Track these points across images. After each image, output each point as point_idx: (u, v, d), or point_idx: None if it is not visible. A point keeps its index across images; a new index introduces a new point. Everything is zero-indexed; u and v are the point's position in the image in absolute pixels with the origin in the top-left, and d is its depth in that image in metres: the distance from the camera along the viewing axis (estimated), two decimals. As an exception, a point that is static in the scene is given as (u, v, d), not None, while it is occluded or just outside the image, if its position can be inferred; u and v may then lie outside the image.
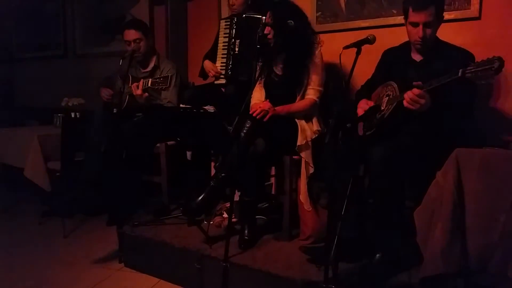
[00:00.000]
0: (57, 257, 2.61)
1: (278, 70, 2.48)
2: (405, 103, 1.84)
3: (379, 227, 1.92)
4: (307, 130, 2.34)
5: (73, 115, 3.40)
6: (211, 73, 2.89)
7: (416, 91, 1.79)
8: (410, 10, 1.98)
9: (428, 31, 1.98)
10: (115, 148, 2.62)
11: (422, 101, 1.79)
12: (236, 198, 2.41)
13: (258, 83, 2.47)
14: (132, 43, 2.96)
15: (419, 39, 2.00)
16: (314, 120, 2.42)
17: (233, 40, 2.79)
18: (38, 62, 5.02)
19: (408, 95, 1.82)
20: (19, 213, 3.41)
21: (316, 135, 2.35)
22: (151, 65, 3.10)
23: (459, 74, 1.66)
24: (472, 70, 1.62)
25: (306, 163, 2.28)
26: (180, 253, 2.27)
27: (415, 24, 1.99)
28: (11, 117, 4.46)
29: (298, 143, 2.27)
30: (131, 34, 2.96)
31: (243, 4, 2.84)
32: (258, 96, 2.52)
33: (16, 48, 5.27)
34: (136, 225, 2.54)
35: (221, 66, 2.87)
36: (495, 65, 1.53)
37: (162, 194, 2.87)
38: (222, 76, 2.86)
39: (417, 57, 2.12)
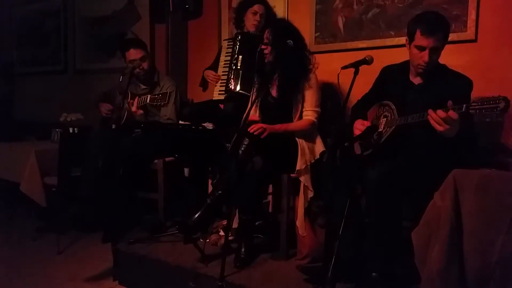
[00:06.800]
0: (50, 273, 2.57)
1: (273, 92, 2.49)
2: (431, 121, 1.71)
3: (375, 247, 1.90)
4: (307, 154, 2.33)
5: (71, 130, 3.40)
6: (210, 78, 2.93)
7: (453, 114, 1.64)
8: (418, 33, 1.92)
9: (434, 56, 1.94)
10: (112, 164, 2.61)
11: (453, 124, 1.67)
12: (235, 224, 2.40)
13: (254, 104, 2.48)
14: (139, 62, 2.99)
15: (423, 64, 1.95)
16: (318, 140, 2.43)
17: (236, 55, 2.83)
18: (38, 77, 5.06)
19: (440, 114, 1.68)
20: (14, 228, 3.37)
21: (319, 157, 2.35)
22: (151, 82, 3.12)
23: (463, 109, 1.61)
24: (476, 107, 1.56)
25: (305, 187, 2.28)
26: (175, 271, 2.24)
27: (422, 48, 1.93)
28: (9, 132, 4.44)
29: (298, 167, 2.27)
30: (138, 53, 3.02)
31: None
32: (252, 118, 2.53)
33: (16, 63, 5.31)
34: (131, 242, 2.52)
35: (221, 83, 2.90)
36: (501, 105, 1.47)
37: (158, 211, 2.85)
38: (221, 92, 2.88)
39: (415, 80, 2.10)
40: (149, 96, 2.76)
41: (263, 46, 2.38)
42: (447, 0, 2.49)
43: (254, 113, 2.53)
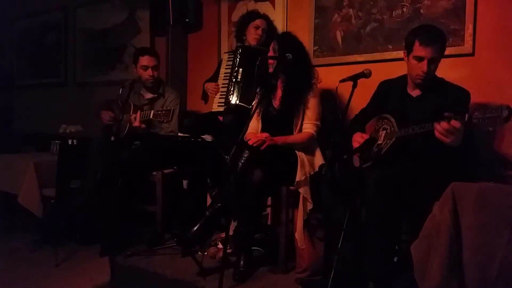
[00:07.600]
0: (48, 286, 2.54)
1: (275, 103, 2.51)
2: (437, 133, 1.72)
3: (373, 257, 1.89)
4: (307, 165, 2.34)
5: (70, 142, 3.40)
6: (210, 90, 2.96)
7: (456, 123, 1.65)
8: (417, 44, 1.96)
9: (432, 66, 1.98)
10: (111, 175, 2.61)
11: (458, 133, 1.68)
12: (231, 232, 2.39)
13: (255, 114, 2.49)
14: (150, 69, 3.02)
15: (422, 74, 1.98)
16: (318, 153, 2.44)
17: (236, 68, 2.85)
18: (38, 89, 5.08)
19: (443, 126, 1.69)
20: (12, 240, 3.34)
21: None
22: (157, 91, 3.13)
23: (466, 119, 1.62)
24: (480, 116, 1.57)
25: (305, 198, 2.27)
26: (172, 284, 2.22)
27: (420, 59, 1.97)
28: (9, 144, 4.45)
29: (297, 179, 2.27)
30: (152, 60, 3.04)
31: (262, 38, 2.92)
32: (254, 127, 2.54)
33: (17, 75, 5.34)
34: (129, 255, 2.50)
35: (220, 95, 2.91)
36: (504, 113, 1.49)
37: (157, 224, 2.83)
38: (221, 103, 2.90)
39: (413, 92, 2.13)
40: (152, 111, 2.77)
41: (270, 61, 2.41)
42: (444, 14, 2.52)
43: (256, 121, 2.55)
